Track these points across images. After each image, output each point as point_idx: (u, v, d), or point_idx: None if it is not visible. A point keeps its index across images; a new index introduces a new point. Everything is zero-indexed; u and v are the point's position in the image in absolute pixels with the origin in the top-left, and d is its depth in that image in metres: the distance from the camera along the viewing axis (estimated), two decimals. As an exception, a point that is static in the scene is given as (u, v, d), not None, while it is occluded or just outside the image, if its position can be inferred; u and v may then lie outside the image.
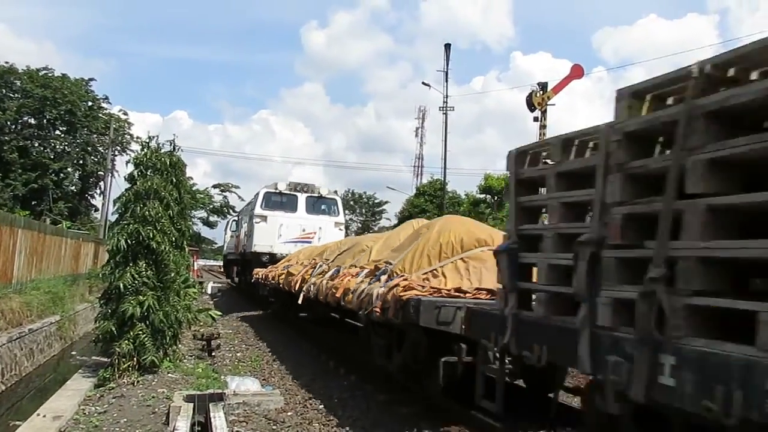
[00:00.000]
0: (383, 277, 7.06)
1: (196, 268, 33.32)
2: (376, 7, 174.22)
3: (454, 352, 5.42)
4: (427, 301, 5.75)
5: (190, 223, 11.61)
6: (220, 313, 16.85)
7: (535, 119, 23.81)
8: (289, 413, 6.98)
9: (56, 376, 11.05)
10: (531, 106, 23.55)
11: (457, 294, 6.13)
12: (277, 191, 18.34)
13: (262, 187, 18.87)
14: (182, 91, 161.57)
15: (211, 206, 60.35)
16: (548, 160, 4.21)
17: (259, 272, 16.00)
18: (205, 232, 61.03)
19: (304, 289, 10.16)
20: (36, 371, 11.54)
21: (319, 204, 18.57)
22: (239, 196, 62.96)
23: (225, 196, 62.38)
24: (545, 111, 23.82)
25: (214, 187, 62.06)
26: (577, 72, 23.59)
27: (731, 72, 2.84)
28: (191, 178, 48.86)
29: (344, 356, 10.05)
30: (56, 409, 6.78)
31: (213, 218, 60.66)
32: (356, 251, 9.79)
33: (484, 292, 6.16)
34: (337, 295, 8.00)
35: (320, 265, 10.57)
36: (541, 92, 23.37)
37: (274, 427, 6.45)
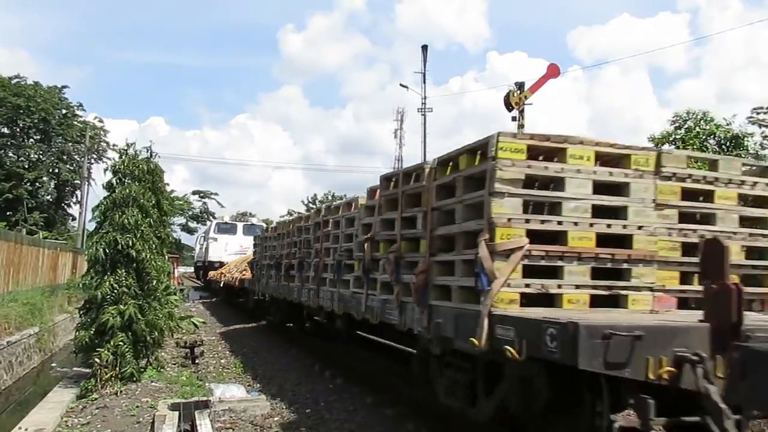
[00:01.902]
0: (244, 272, 17.02)
1: (177, 275, 32.94)
2: (352, 9, 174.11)
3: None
4: (246, 279, 16.12)
5: (170, 230, 11.53)
6: (203, 320, 16.73)
7: (513, 119, 23.89)
8: (275, 418, 6.96)
9: (36, 388, 10.88)
10: (509, 106, 23.55)
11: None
12: (224, 222, 28.70)
13: (215, 219, 32.46)
14: (158, 97, 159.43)
15: (191, 212, 59.83)
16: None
17: (211, 274, 24.96)
18: (185, 239, 60.40)
19: (222, 280, 20.65)
20: (15, 384, 11.35)
21: (252, 229, 25.72)
22: (218, 203, 62.55)
23: (204, 203, 61.95)
24: (523, 110, 23.88)
25: (194, 193, 61.59)
26: (553, 71, 23.70)
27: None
28: (168, 185, 48.30)
29: (327, 358, 10.07)
30: (38, 422, 6.67)
31: (192, 224, 60.13)
32: (248, 261, 17.35)
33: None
34: (230, 281, 18.92)
35: (233, 268, 20.29)
36: (519, 92, 23.47)
37: (261, 432, 6.43)
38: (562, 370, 3.53)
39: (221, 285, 20.96)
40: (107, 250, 8.30)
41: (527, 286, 4.04)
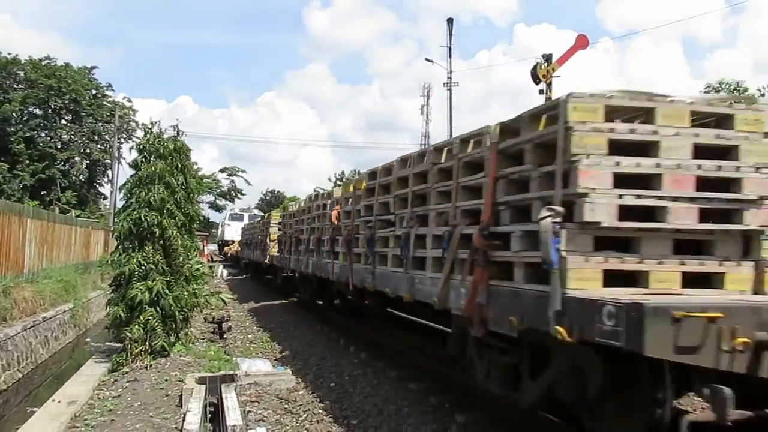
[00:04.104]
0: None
1: (206, 252, 34.21)
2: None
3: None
4: (238, 251, 30.39)
5: (198, 207, 11.65)
6: (231, 296, 16.99)
7: (541, 92, 23.42)
8: (300, 392, 7.05)
9: (71, 362, 11.21)
10: (536, 79, 23.03)
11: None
12: (235, 212, 40.60)
13: (228, 210, 45.59)
14: (186, 77, 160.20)
15: (219, 190, 60.42)
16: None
17: (225, 249, 37.40)
18: (214, 216, 61.15)
19: (230, 252, 35.02)
20: (51, 359, 11.70)
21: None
22: (246, 180, 63.06)
23: (232, 180, 62.41)
24: (551, 83, 23.36)
25: (221, 171, 62.01)
26: (581, 42, 23.08)
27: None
28: (196, 163, 48.92)
29: (352, 333, 10.13)
30: (71, 395, 6.89)
31: (221, 202, 60.77)
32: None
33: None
34: (233, 253, 33.25)
35: (236, 245, 32.30)
36: (546, 64, 22.97)
37: (286, 406, 6.52)
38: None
39: (229, 255, 35.13)
40: (132, 228, 8.43)
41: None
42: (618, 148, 3.51)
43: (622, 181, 3.47)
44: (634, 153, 3.56)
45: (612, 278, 3.48)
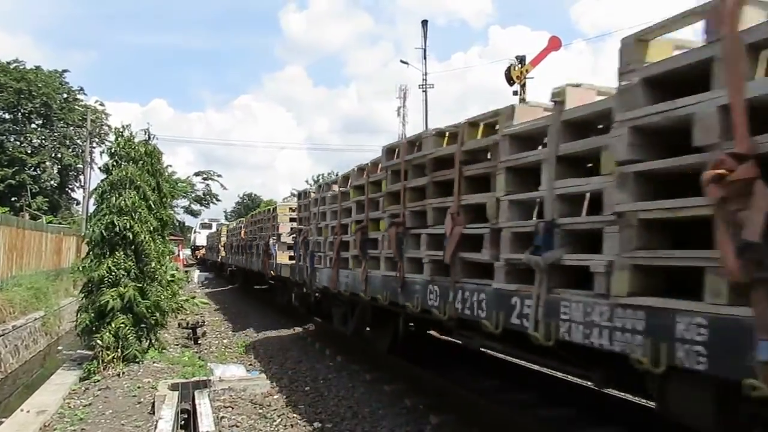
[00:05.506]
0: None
1: (182, 257, 33.98)
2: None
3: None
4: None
5: (171, 212, 11.54)
6: (206, 301, 16.86)
7: (515, 93, 23.62)
8: (275, 396, 7.01)
9: (43, 371, 10.98)
10: (510, 80, 23.24)
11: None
12: (205, 221, 46.37)
13: (199, 220, 51.29)
14: (160, 80, 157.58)
15: (194, 195, 59.78)
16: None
17: (195, 253, 42.59)
18: (190, 221, 60.48)
19: (199, 255, 41.47)
20: (22, 368, 11.46)
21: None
22: (222, 185, 62.60)
23: (207, 185, 61.82)
24: (524, 85, 23.57)
25: (196, 174, 61.36)
26: (554, 44, 23.31)
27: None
28: (170, 167, 48.48)
29: (327, 337, 10.12)
30: (40, 404, 6.75)
31: (196, 207, 60.15)
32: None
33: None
34: (201, 256, 39.63)
35: (203, 250, 39.25)
36: (520, 66, 23.16)
37: (260, 410, 6.47)
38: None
39: (198, 257, 40.69)
40: (104, 233, 8.31)
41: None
42: (293, 219, 11.32)
43: (292, 230, 11.21)
44: (300, 222, 10.14)
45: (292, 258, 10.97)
